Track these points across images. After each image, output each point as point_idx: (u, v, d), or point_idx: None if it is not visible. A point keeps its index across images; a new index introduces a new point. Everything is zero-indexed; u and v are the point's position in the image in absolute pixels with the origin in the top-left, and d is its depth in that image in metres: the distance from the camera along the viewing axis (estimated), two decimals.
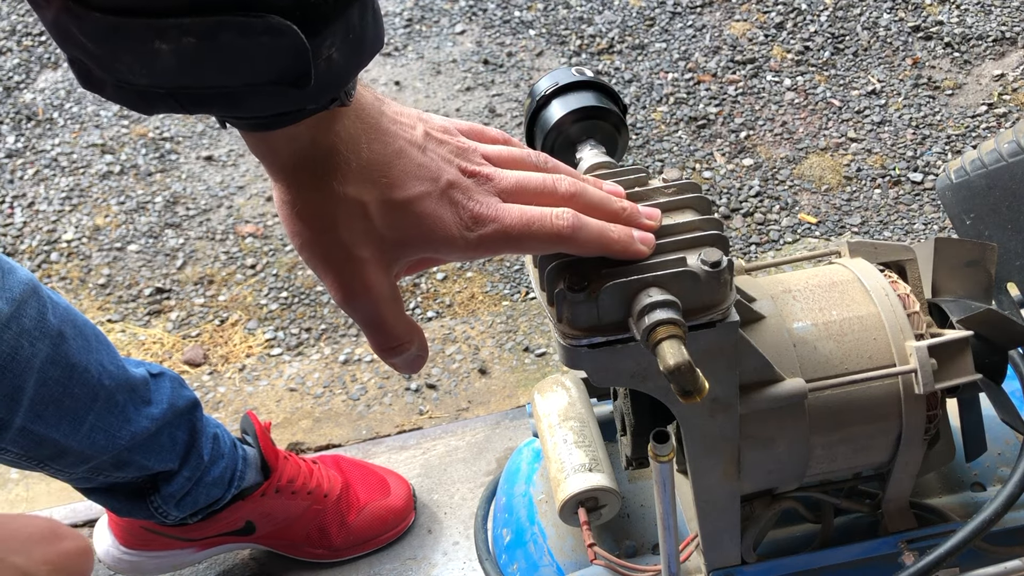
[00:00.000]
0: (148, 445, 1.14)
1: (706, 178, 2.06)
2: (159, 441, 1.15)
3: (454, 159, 0.55)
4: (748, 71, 2.29)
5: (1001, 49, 2.28)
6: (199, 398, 1.24)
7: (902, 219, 1.94)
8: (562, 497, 0.78)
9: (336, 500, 1.36)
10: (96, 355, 1.08)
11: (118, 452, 1.11)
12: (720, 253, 0.55)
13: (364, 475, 1.43)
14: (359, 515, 1.38)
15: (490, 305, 1.85)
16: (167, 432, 1.16)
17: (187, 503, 1.21)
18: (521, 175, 0.56)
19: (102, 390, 1.07)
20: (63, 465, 1.08)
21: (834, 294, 0.70)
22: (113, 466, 1.12)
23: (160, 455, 1.15)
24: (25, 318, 1.00)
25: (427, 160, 0.53)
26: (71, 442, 1.05)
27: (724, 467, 0.66)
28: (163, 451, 1.16)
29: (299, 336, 1.83)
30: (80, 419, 1.06)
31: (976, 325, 0.69)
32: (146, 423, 1.12)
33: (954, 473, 0.82)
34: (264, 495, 1.28)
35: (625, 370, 0.58)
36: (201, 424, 1.21)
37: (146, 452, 1.14)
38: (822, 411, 0.68)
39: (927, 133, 2.11)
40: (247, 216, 2.07)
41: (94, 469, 1.11)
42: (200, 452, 1.20)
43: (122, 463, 1.12)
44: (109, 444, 1.09)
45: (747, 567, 0.74)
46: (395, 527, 1.42)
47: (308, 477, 1.33)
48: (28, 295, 1.01)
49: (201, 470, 1.20)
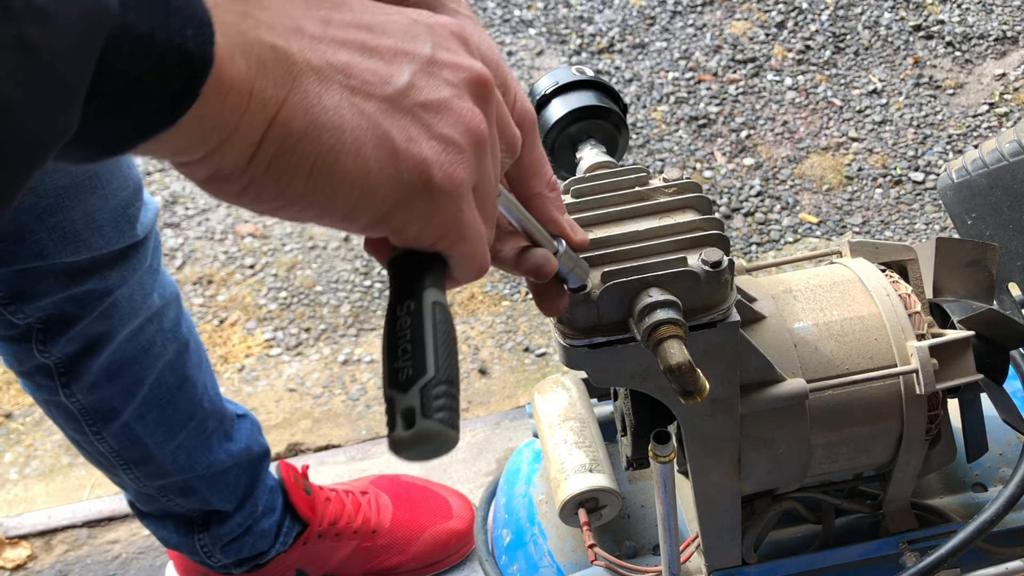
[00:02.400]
0: (216, 480, 1.16)
1: (707, 178, 2.06)
2: (226, 479, 1.17)
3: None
4: (749, 70, 2.29)
5: (1002, 48, 2.28)
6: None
7: (903, 219, 1.94)
8: (562, 498, 0.78)
9: (389, 531, 1.33)
10: (204, 375, 1.12)
11: (190, 478, 1.13)
12: (721, 253, 0.55)
13: (424, 498, 1.39)
14: (419, 542, 1.34)
15: (490, 305, 1.85)
16: (235, 472, 1.18)
17: (232, 549, 1.22)
18: None
19: (199, 411, 1.10)
20: (142, 473, 1.10)
21: (835, 294, 0.70)
22: (179, 491, 1.14)
23: (223, 493, 1.17)
24: (166, 319, 1.04)
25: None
26: (158, 453, 1.07)
27: (725, 467, 0.66)
28: (227, 490, 1.17)
29: (298, 336, 1.83)
30: (173, 433, 1.08)
31: (977, 325, 0.69)
32: (223, 457, 1.15)
33: (955, 473, 0.82)
34: (307, 543, 1.27)
35: (625, 370, 0.58)
36: (265, 474, 1.23)
37: (212, 486, 1.15)
38: (823, 411, 0.67)
39: (928, 132, 2.11)
40: (246, 216, 2.07)
41: (162, 489, 1.13)
42: (256, 501, 1.21)
43: (188, 490, 1.14)
44: (187, 466, 1.11)
45: (748, 568, 0.74)
46: (457, 550, 1.37)
47: (353, 515, 1.30)
48: (173, 299, 1.05)
49: (253, 519, 1.21)
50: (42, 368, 0.99)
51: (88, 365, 0.98)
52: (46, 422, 1.70)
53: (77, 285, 0.93)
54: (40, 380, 1.00)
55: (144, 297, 1.00)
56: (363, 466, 1.55)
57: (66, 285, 0.93)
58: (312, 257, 1.98)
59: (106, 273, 0.95)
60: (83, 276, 0.93)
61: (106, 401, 1.02)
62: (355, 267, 1.95)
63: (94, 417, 1.03)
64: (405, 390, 0.38)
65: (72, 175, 0.88)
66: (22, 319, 0.93)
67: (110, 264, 0.95)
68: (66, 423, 1.05)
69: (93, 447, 1.07)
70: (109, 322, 0.97)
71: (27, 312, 0.93)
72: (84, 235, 0.91)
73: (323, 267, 1.95)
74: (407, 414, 0.37)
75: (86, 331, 0.96)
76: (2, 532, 1.50)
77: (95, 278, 0.94)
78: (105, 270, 0.94)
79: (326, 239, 2.01)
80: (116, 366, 1.00)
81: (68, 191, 0.88)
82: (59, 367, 0.98)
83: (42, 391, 1.02)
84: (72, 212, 0.89)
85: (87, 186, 0.89)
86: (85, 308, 0.95)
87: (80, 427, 1.04)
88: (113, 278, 0.95)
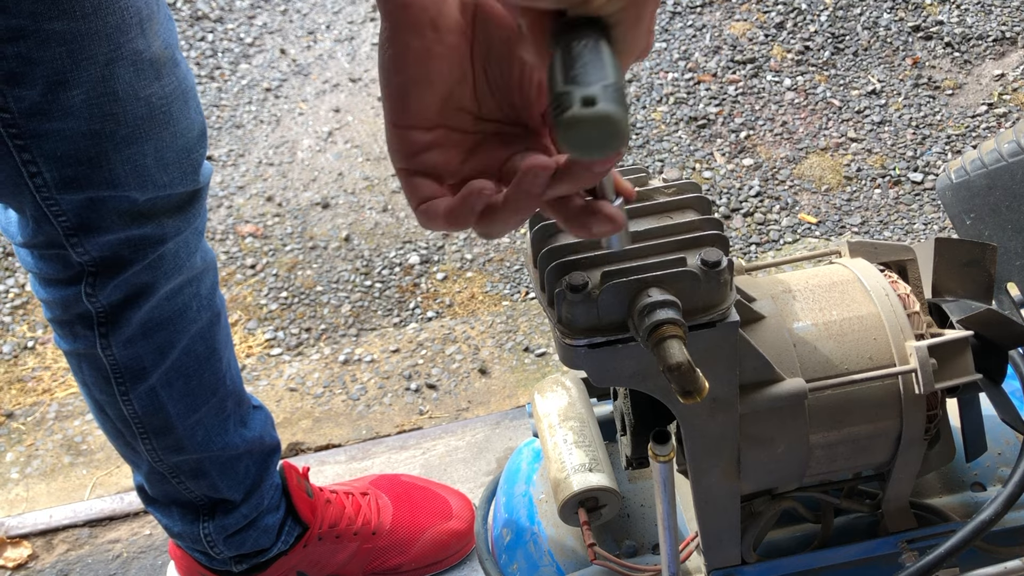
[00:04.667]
0: (228, 466, 1.17)
1: (706, 178, 2.06)
2: (237, 467, 1.18)
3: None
4: (748, 71, 2.29)
5: (1001, 49, 2.28)
6: None
7: (902, 219, 1.94)
8: (562, 497, 0.78)
9: (389, 532, 1.34)
10: (229, 354, 1.15)
11: (203, 458, 1.14)
12: (720, 253, 0.55)
13: (424, 498, 1.39)
14: (419, 543, 1.35)
15: (490, 305, 1.85)
16: (246, 461, 1.19)
17: (235, 542, 1.22)
18: None
19: (221, 387, 1.13)
20: (159, 445, 1.11)
21: (834, 294, 0.70)
22: (191, 473, 1.15)
23: (232, 481, 1.18)
24: (203, 285, 1.07)
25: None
26: (179, 425, 1.10)
27: (724, 467, 0.66)
28: (236, 478, 1.19)
29: (299, 336, 1.83)
30: (195, 406, 1.10)
31: (976, 325, 0.69)
32: (237, 441, 1.16)
33: (954, 473, 0.82)
34: (307, 545, 1.28)
35: (625, 370, 0.58)
36: (273, 470, 1.24)
37: (223, 471, 1.17)
38: (822, 411, 0.68)
39: (927, 133, 2.11)
40: (247, 216, 2.07)
41: (175, 469, 1.14)
42: (262, 495, 1.22)
43: (200, 473, 1.16)
44: (204, 444, 1.13)
45: (747, 567, 0.74)
46: (458, 550, 1.38)
47: (353, 517, 1.31)
48: (212, 266, 1.09)
49: (258, 512, 1.22)
50: (84, 317, 1.01)
51: (128, 317, 1.01)
52: (47, 422, 1.70)
53: (137, 227, 0.96)
54: (79, 330, 1.02)
55: (188, 255, 1.03)
56: (363, 466, 1.55)
57: (127, 225, 0.95)
58: (313, 257, 1.98)
59: (164, 220, 0.98)
60: (143, 220, 0.96)
61: (138, 359, 1.04)
62: (355, 267, 1.95)
63: (124, 375, 1.05)
64: (586, 84, 0.39)
65: (151, 107, 0.91)
66: (81, 254, 0.96)
67: (169, 212, 0.98)
68: (95, 381, 1.07)
69: (117, 410, 1.08)
70: (155, 273, 1.00)
71: (87, 248, 0.95)
72: (152, 171, 0.94)
73: (324, 267, 1.95)
74: (587, 99, 0.38)
75: (133, 279, 0.99)
76: (3, 531, 1.50)
77: (153, 223, 0.97)
78: (164, 217, 0.98)
79: (326, 239, 2.01)
80: (153, 323, 1.03)
81: (145, 123, 0.91)
82: (100, 316, 1.01)
83: (79, 342, 1.04)
84: (145, 146, 0.92)
85: (161, 120, 0.92)
86: (138, 253, 0.98)
87: (109, 386, 1.06)
88: (169, 226, 0.99)
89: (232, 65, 2.43)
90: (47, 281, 1.01)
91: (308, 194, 2.11)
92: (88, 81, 0.85)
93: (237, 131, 2.27)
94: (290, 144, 2.23)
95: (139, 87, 0.88)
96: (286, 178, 2.15)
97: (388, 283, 1.91)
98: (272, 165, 2.18)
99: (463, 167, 0.51)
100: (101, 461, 1.63)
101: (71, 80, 0.84)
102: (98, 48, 0.84)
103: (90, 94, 0.85)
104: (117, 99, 0.87)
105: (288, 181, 2.14)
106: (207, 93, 2.35)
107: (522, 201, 0.46)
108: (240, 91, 2.36)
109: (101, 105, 0.87)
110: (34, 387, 1.77)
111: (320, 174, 2.15)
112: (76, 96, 0.85)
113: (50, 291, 1.01)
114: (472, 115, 0.51)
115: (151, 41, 0.88)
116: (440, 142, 0.50)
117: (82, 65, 0.84)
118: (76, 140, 0.87)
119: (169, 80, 0.92)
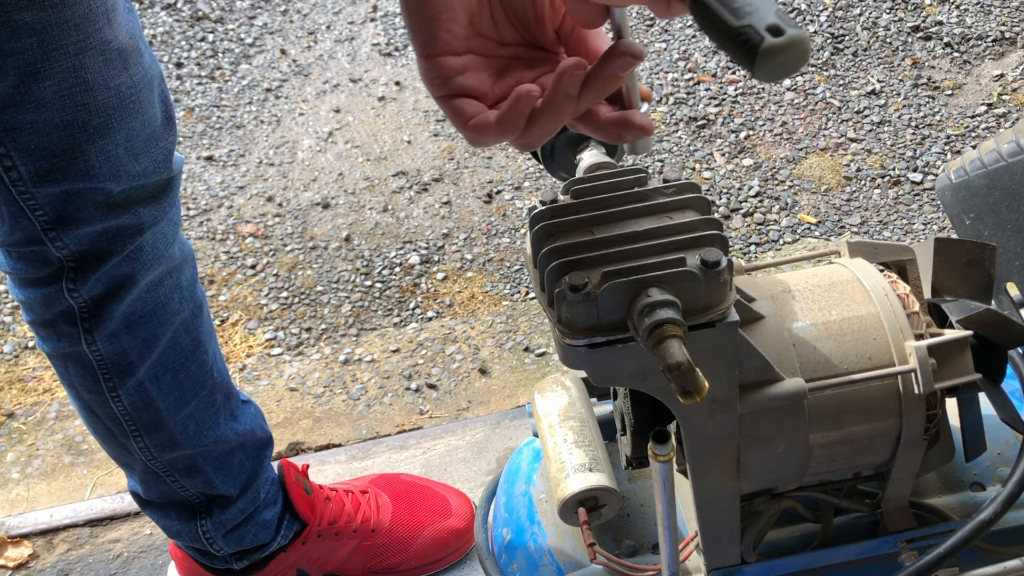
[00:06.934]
0: (221, 461, 1.17)
1: (706, 178, 2.06)
2: (231, 461, 1.18)
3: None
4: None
5: (1001, 49, 2.28)
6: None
7: (902, 219, 1.94)
8: (562, 497, 0.78)
9: (388, 530, 1.34)
10: (214, 346, 1.15)
11: (197, 454, 1.14)
12: (720, 253, 0.55)
13: (424, 496, 1.40)
14: (418, 541, 1.35)
15: (490, 305, 1.86)
16: (239, 455, 1.19)
17: (234, 537, 1.22)
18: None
19: (209, 380, 1.13)
20: (152, 443, 1.11)
21: (834, 294, 0.70)
22: (185, 470, 1.15)
23: (227, 476, 1.18)
24: (183, 276, 1.07)
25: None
26: (169, 419, 1.10)
27: (724, 467, 0.67)
28: (231, 473, 1.19)
29: (299, 336, 1.83)
30: (185, 400, 1.10)
31: (975, 325, 0.69)
32: (229, 435, 1.16)
33: (954, 473, 0.82)
34: (306, 542, 1.28)
35: (625, 370, 0.58)
36: (267, 464, 1.24)
37: (217, 467, 1.17)
38: (822, 411, 0.68)
39: (927, 133, 2.11)
40: (247, 216, 2.07)
41: (169, 467, 1.14)
42: (258, 489, 1.22)
43: (194, 469, 1.15)
44: (196, 440, 1.13)
45: (747, 567, 0.74)
46: (457, 549, 1.38)
47: (353, 515, 1.31)
48: (190, 257, 1.09)
49: (255, 507, 1.22)
50: (67, 314, 1.01)
51: (111, 310, 1.01)
52: (48, 421, 1.70)
53: (114, 217, 0.96)
54: (63, 328, 1.02)
55: (166, 246, 1.03)
56: (364, 465, 1.55)
57: (104, 216, 0.96)
58: (313, 257, 1.98)
59: (140, 210, 0.98)
60: (119, 209, 0.97)
61: (124, 354, 1.04)
62: (355, 267, 1.95)
63: (111, 371, 1.05)
64: (758, 14, 0.41)
65: (121, 96, 0.91)
66: (59, 249, 0.96)
67: (144, 201, 0.99)
68: (82, 381, 1.06)
69: (106, 408, 1.08)
70: (134, 264, 1.00)
71: (65, 241, 0.95)
72: (124, 161, 0.94)
73: (324, 267, 1.96)
74: (773, 28, 0.41)
75: (113, 272, 0.99)
76: (4, 531, 1.51)
77: (130, 213, 0.98)
78: (139, 207, 0.98)
79: (327, 239, 2.01)
80: (137, 316, 1.03)
81: (116, 112, 0.91)
82: (83, 311, 1.00)
83: (63, 341, 1.03)
84: (117, 135, 0.92)
85: (132, 109, 0.93)
86: (117, 244, 0.98)
87: (97, 383, 1.06)
88: (145, 216, 0.99)
89: (232, 65, 2.43)
90: (26, 281, 1.00)
91: (308, 194, 2.11)
92: (59, 72, 0.85)
93: (237, 131, 2.27)
94: (290, 144, 2.23)
95: (108, 76, 0.88)
96: (286, 178, 2.15)
97: (388, 283, 1.91)
98: (272, 165, 2.18)
99: (495, 89, 0.55)
100: (102, 461, 1.63)
101: (43, 71, 0.84)
102: (68, 38, 0.84)
103: (62, 85, 0.85)
104: (88, 89, 0.87)
105: (288, 181, 2.15)
106: (207, 93, 2.35)
107: (562, 102, 0.50)
108: (240, 91, 2.36)
109: (73, 96, 0.87)
110: (35, 387, 1.77)
111: (320, 174, 2.16)
112: (48, 87, 0.85)
113: (30, 291, 1.00)
114: (494, 40, 0.56)
115: (117, 31, 0.89)
116: (471, 66, 0.54)
117: (53, 56, 0.84)
118: (50, 132, 0.87)
119: (136, 69, 0.92)
